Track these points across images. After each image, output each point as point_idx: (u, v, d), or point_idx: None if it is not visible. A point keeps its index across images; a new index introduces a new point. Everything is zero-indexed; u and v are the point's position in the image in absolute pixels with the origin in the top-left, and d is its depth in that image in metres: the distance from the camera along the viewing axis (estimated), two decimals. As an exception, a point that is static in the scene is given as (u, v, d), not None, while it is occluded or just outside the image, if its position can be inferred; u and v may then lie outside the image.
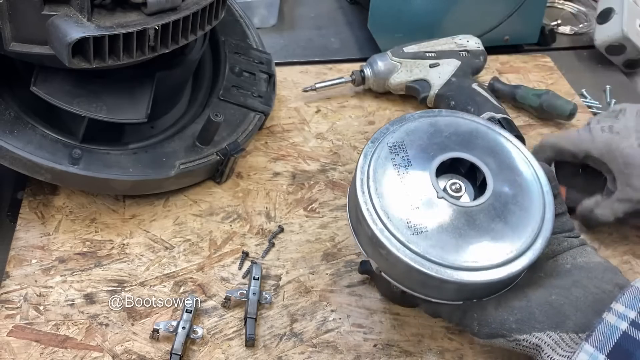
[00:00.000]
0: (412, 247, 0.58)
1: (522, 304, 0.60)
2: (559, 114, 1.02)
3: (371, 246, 0.61)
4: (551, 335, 0.57)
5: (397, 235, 0.59)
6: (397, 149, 0.64)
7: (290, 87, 1.07)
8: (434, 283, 0.59)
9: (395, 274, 0.61)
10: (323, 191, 0.90)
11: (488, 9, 1.13)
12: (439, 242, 0.58)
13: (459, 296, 0.61)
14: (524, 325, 0.58)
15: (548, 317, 0.58)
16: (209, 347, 0.70)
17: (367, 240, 0.61)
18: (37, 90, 0.77)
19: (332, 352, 0.71)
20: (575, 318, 0.57)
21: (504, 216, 0.60)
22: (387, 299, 0.76)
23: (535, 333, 0.58)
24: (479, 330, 0.60)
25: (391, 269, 0.61)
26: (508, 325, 0.59)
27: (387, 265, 0.61)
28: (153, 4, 0.72)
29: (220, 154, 0.86)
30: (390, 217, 0.60)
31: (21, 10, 0.69)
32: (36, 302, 0.73)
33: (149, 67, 0.81)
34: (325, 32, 1.23)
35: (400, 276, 0.61)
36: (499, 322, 0.59)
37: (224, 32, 0.99)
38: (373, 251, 0.61)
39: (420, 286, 0.60)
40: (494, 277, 0.58)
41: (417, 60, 1.03)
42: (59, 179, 0.78)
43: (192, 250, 0.80)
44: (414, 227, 0.59)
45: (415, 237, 0.59)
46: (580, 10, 1.33)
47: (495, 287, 0.61)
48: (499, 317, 0.59)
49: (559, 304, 0.59)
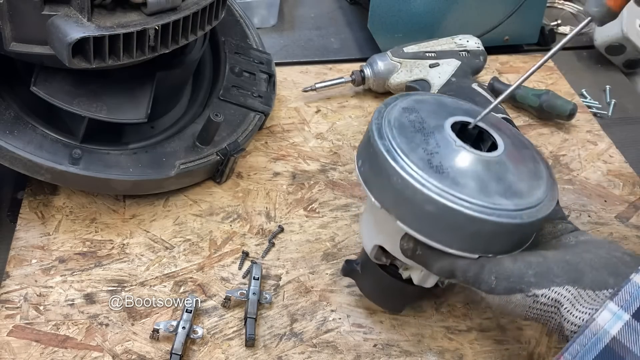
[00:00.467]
0: (436, 184, 0.57)
1: (539, 259, 0.59)
2: (559, 114, 1.02)
3: (391, 191, 0.59)
4: (570, 290, 0.56)
5: (421, 173, 0.57)
6: (409, 110, 0.64)
7: (290, 87, 1.07)
8: (458, 222, 0.57)
9: (417, 218, 0.59)
10: (323, 191, 0.90)
11: (488, 9, 1.13)
12: (462, 183, 0.58)
13: (478, 244, 0.59)
14: (542, 279, 0.57)
15: (565, 272, 0.57)
16: (209, 347, 0.71)
17: (386, 186, 0.59)
18: (37, 90, 0.77)
19: (332, 352, 0.71)
20: (592, 275, 0.57)
21: (517, 171, 0.60)
22: (372, 300, 0.74)
23: (554, 287, 0.57)
24: (496, 285, 0.58)
25: (413, 212, 0.58)
26: (527, 278, 0.58)
27: (408, 209, 0.59)
28: (153, 4, 0.72)
29: (220, 154, 0.86)
30: (411, 158, 0.58)
31: (21, 10, 0.69)
32: (36, 302, 0.73)
33: (149, 67, 0.81)
34: (325, 32, 1.23)
35: (422, 219, 0.58)
36: (517, 275, 0.58)
37: (224, 32, 0.99)
38: (394, 196, 0.59)
39: (442, 230, 0.58)
40: (518, 221, 0.57)
41: (417, 60, 1.03)
42: (59, 179, 0.78)
43: (192, 250, 0.80)
44: (436, 167, 0.58)
45: (439, 176, 0.57)
46: (580, 10, 1.33)
47: (516, 237, 0.60)
48: (517, 270, 0.58)
49: (574, 261, 0.58)
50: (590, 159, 0.98)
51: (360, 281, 0.74)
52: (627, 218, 0.89)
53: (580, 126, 1.04)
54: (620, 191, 0.93)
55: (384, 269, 0.69)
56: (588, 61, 1.21)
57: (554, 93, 1.03)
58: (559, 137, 1.02)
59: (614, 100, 1.11)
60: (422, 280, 0.67)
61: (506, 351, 0.72)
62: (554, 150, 0.99)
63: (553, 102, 1.02)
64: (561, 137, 1.02)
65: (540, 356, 0.72)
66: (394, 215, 0.60)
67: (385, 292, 0.72)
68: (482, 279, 0.59)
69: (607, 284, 0.55)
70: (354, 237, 0.84)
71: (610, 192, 0.93)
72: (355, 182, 0.91)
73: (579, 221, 0.88)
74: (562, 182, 0.94)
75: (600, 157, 0.99)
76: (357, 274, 0.73)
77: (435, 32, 1.11)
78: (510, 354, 0.72)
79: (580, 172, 0.96)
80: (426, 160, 0.59)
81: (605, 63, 1.19)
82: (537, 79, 1.13)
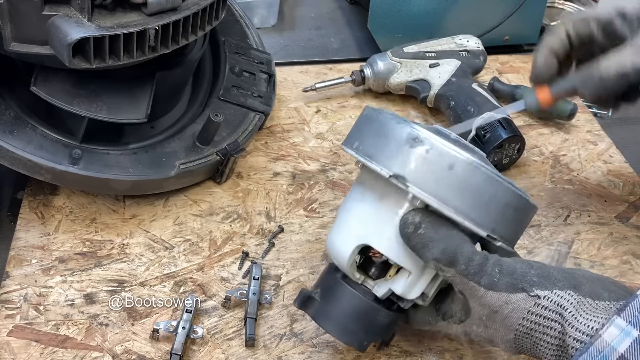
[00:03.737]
0: (449, 144, 0.57)
1: (538, 264, 0.59)
2: (559, 114, 1.02)
3: (401, 154, 0.57)
4: (572, 294, 0.55)
5: (433, 134, 0.58)
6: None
7: (290, 87, 1.07)
8: (479, 184, 0.56)
9: (437, 180, 0.57)
10: (323, 191, 0.90)
11: (488, 9, 1.13)
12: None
13: (490, 217, 0.58)
14: (545, 281, 0.56)
15: (565, 278, 0.56)
16: (209, 347, 0.71)
17: (397, 148, 0.58)
18: (37, 90, 0.77)
19: (332, 352, 0.71)
20: (589, 285, 0.56)
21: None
22: (334, 334, 0.64)
23: (557, 290, 0.55)
24: (499, 279, 0.57)
25: (433, 175, 0.57)
26: (529, 277, 0.56)
27: (422, 170, 0.57)
28: (153, 4, 0.72)
29: (220, 154, 0.86)
30: (419, 125, 0.59)
31: (22, 10, 0.69)
32: (36, 302, 0.73)
33: (149, 67, 0.81)
34: (325, 32, 1.23)
35: (441, 181, 0.57)
36: (520, 273, 0.57)
37: (224, 32, 0.99)
38: (404, 158, 0.57)
39: (460, 193, 0.57)
40: (526, 198, 0.60)
41: (417, 60, 1.03)
42: (59, 179, 0.78)
43: (192, 250, 0.80)
44: (444, 134, 0.60)
45: (449, 141, 0.59)
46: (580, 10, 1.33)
47: (519, 218, 0.61)
48: (520, 269, 0.57)
49: (570, 271, 0.58)
50: (590, 159, 0.98)
51: (321, 312, 0.64)
52: (627, 218, 0.89)
53: (580, 126, 1.04)
54: (620, 191, 0.93)
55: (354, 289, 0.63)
56: (588, 61, 1.21)
57: (554, 93, 1.03)
58: (559, 137, 1.02)
59: (614, 100, 1.11)
60: (406, 289, 0.61)
61: (506, 351, 0.72)
62: (554, 150, 0.99)
63: (553, 102, 1.02)
64: (561, 137, 1.02)
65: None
66: (409, 179, 0.57)
67: (355, 318, 0.63)
68: (485, 271, 0.57)
69: (602, 296, 0.55)
70: (354, 237, 0.84)
71: (610, 192, 0.93)
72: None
73: (579, 221, 0.88)
74: (562, 182, 0.94)
75: (601, 157, 0.99)
76: (315, 304, 0.64)
77: (435, 32, 1.11)
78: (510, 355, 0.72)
79: (580, 172, 0.96)
80: (434, 129, 0.61)
81: (605, 63, 1.19)
82: (537, 79, 1.13)
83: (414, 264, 0.60)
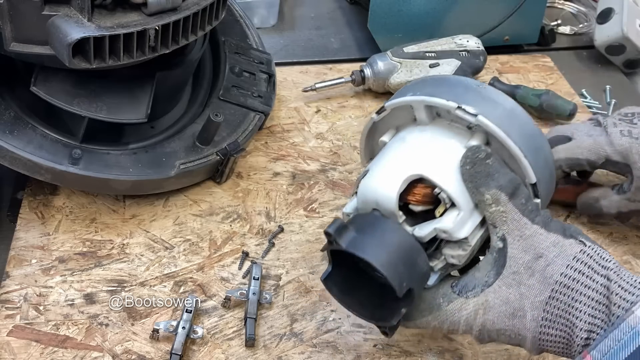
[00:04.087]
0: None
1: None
2: (559, 114, 1.02)
3: (468, 92, 0.61)
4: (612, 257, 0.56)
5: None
6: None
7: (290, 87, 1.07)
8: (529, 128, 0.60)
9: (496, 116, 0.60)
10: (323, 191, 0.90)
11: (488, 9, 1.13)
12: None
13: (537, 162, 0.60)
14: (587, 239, 0.57)
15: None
16: (209, 347, 0.71)
17: (464, 89, 0.62)
18: (37, 90, 0.77)
19: (332, 352, 0.71)
20: None
21: None
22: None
23: (600, 247, 0.57)
24: (551, 222, 0.58)
25: (492, 111, 0.60)
26: (575, 229, 0.58)
27: (488, 108, 0.60)
28: (153, 4, 0.72)
29: (220, 154, 0.86)
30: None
31: (22, 10, 0.69)
32: (36, 302, 0.73)
33: (149, 67, 0.81)
34: (325, 32, 1.23)
35: (500, 118, 0.60)
36: (566, 225, 0.58)
37: (224, 32, 0.99)
38: (472, 97, 0.60)
39: (516, 132, 0.59)
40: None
41: (417, 60, 1.03)
42: (59, 179, 0.78)
43: (192, 250, 0.80)
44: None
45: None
46: (580, 10, 1.33)
47: (552, 180, 0.64)
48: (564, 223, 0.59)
49: None
50: (590, 159, 0.98)
51: (358, 242, 0.57)
52: (627, 218, 0.89)
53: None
54: (620, 191, 0.93)
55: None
56: (588, 61, 1.21)
57: (554, 93, 1.03)
58: (559, 137, 1.02)
59: (614, 100, 1.11)
60: (456, 226, 0.58)
61: (506, 351, 0.72)
62: (554, 150, 0.99)
63: (553, 102, 1.02)
64: (561, 137, 1.02)
65: (540, 356, 0.72)
66: (479, 111, 0.59)
67: (397, 253, 0.57)
68: (539, 212, 0.58)
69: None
70: (354, 237, 0.83)
71: (610, 192, 0.93)
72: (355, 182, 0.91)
73: (579, 221, 0.88)
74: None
75: (600, 157, 0.99)
76: (351, 234, 0.58)
77: (435, 32, 1.11)
78: (510, 354, 0.72)
79: (580, 172, 0.96)
80: None
81: (605, 63, 1.19)
82: (537, 79, 1.13)
83: (465, 201, 0.59)
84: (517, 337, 0.57)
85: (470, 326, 0.59)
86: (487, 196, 0.57)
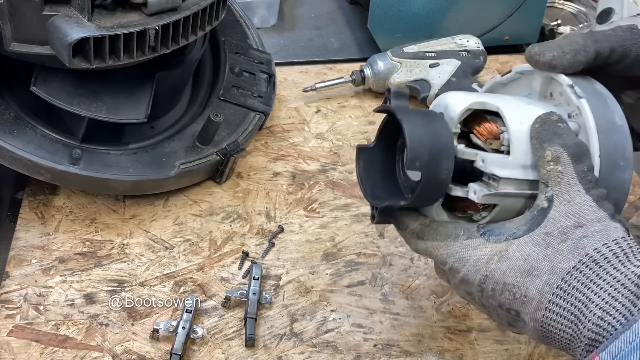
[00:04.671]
0: None
1: None
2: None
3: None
4: None
5: None
6: None
7: (290, 87, 1.07)
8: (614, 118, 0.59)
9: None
10: (323, 191, 0.90)
11: (488, 9, 1.13)
12: None
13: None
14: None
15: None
16: (209, 347, 0.71)
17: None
18: (37, 90, 0.77)
19: (332, 352, 0.71)
20: None
21: None
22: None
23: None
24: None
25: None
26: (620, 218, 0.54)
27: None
28: (154, 4, 0.72)
29: (220, 154, 0.86)
30: None
31: (22, 10, 0.69)
32: (36, 302, 0.73)
33: (149, 67, 0.81)
34: (325, 32, 1.23)
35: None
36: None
37: (224, 32, 0.99)
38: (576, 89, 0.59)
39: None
40: None
41: (417, 60, 1.03)
42: (59, 179, 0.78)
43: (192, 250, 0.80)
44: None
45: None
46: (580, 10, 1.33)
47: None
48: None
49: None
50: (590, 159, 0.98)
51: (405, 111, 0.58)
52: (627, 218, 0.89)
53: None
54: (620, 191, 0.93)
55: None
56: (588, 61, 1.21)
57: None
58: (559, 137, 1.02)
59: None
60: (497, 163, 0.56)
61: (506, 351, 0.72)
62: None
63: (553, 102, 1.02)
64: (561, 137, 1.02)
65: (540, 356, 0.72)
66: (586, 98, 0.58)
67: (432, 137, 0.57)
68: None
69: None
70: (354, 237, 0.84)
71: (610, 192, 0.93)
72: (355, 182, 0.91)
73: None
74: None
75: (600, 157, 0.99)
76: (402, 103, 0.59)
77: (435, 32, 1.11)
78: (510, 354, 0.72)
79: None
80: None
81: (605, 63, 1.19)
82: (537, 79, 1.13)
83: (521, 153, 0.56)
84: (522, 299, 0.51)
85: (477, 270, 0.54)
86: (548, 152, 0.54)
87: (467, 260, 0.54)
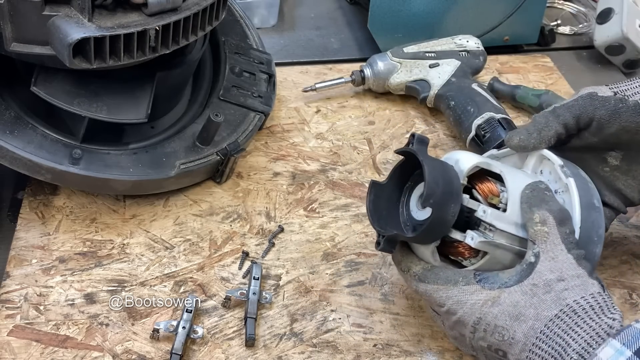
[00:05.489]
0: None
1: None
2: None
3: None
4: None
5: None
6: None
7: (290, 87, 1.07)
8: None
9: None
10: (323, 191, 0.90)
11: (488, 9, 1.13)
12: None
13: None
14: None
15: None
16: (209, 346, 0.71)
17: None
18: (37, 90, 0.77)
19: (332, 352, 0.71)
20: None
21: None
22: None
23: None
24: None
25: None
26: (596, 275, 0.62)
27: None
28: (154, 4, 0.72)
29: (220, 154, 0.86)
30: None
31: (22, 10, 0.69)
32: (36, 302, 0.73)
33: (149, 67, 0.81)
34: (325, 32, 1.23)
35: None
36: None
37: (224, 32, 0.99)
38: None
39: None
40: None
41: (417, 60, 1.03)
42: (59, 179, 0.78)
43: (192, 250, 0.80)
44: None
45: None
46: (580, 10, 1.33)
47: None
48: None
49: None
50: (590, 159, 0.98)
51: (421, 150, 0.65)
52: (627, 218, 0.89)
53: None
54: (620, 191, 0.93)
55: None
56: (588, 61, 1.21)
57: (553, 93, 1.03)
58: (559, 137, 1.02)
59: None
60: (496, 216, 0.63)
61: (506, 351, 0.72)
62: (554, 151, 0.99)
63: (553, 102, 1.02)
64: (561, 137, 1.02)
65: None
66: (573, 177, 0.67)
67: (443, 174, 0.63)
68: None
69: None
70: (354, 237, 0.84)
71: (609, 192, 0.93)
72: (355, 182, 0.91)
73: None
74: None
75: (600, 157, 0.99)
76: (424, 153, 0.65)
77: (435, 32, 1.11)
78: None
79: (580, 172, 0.96)
80: None
81: (605, 63, 1.19)
82: (537, 79, 1.13)
83: (514, 214, 0.63)
84: (509, 341, 0.58)
85: (472, 312, 0.60)
86: (537, 215, 0.61)
87: (464, 303, 0.61)
